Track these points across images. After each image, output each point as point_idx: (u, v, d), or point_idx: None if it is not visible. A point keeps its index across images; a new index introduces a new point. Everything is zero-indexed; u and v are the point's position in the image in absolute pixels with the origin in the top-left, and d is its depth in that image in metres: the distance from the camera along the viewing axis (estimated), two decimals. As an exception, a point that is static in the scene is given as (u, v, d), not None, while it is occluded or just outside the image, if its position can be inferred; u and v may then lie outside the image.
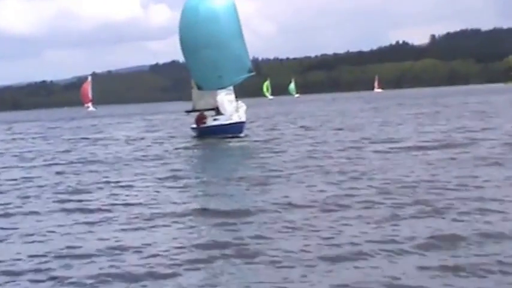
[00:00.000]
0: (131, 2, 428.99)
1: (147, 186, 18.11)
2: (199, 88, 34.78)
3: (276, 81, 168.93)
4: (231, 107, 33.72)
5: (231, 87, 34.30)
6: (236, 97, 34.39)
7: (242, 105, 33.89)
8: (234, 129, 33.12)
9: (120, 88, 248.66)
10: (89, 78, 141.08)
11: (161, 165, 23.00)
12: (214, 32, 32.84)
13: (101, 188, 18.32)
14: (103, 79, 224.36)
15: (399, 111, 54.09)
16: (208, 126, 34.25)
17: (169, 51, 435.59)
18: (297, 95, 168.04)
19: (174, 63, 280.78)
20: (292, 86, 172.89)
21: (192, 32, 33.35)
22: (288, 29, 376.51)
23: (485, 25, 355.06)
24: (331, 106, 79.40)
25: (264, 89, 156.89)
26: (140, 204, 15.23)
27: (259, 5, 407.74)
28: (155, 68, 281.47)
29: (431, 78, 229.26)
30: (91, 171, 22.41)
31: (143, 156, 27.07)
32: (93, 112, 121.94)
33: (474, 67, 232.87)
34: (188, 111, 38.14)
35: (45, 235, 12.47)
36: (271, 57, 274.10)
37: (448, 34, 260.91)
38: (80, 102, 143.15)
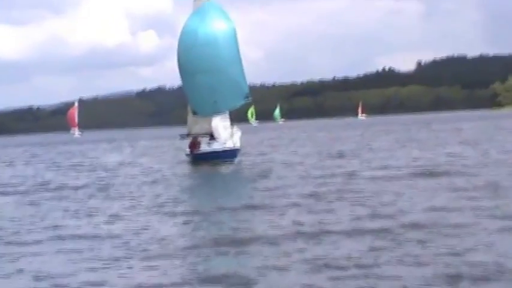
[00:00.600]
0: (120, 28, 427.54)
1: (137, 215, 16.95)
2: (194, 113, 33.44)
3: (261, 107, 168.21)
4: (225, 133, 32.36)
5: (227, 113, 32.92)
6: (231, 123, 33.05)
7: (237, 131, 32.55)
8: (228, 155, 31.74)
9: (107, 113, 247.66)
10: (76, 104, 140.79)
11: (151, 193, 21.80)
12: (212, 57, 31.60)
13: (89, 216, 17.28)
14: (90, 104, 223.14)
15: (386, 137, 52.90)
16: (202, 152, 32.80)
17: (157, 77, 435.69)
18: (281, 121, 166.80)
19: (160, 89, 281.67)
20: (277, 111, 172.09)
21: (190, 56, 32.05)
22: (275, 55, 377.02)
23: (472, 52, 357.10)
24: (319, 132, 77.96)
25: (249, 114, 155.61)
26: (127, 235, 14.08)
27: (246, 31, 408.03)
28: (142, 94, 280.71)
29: (417, 105, 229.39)
30: (74, 199, 21.22)
31: (132, 182, 25.84)
32: (79, 137, 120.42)
33: (460, 93, 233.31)
34: (183, 136, 36.65)
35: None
36: (258, 83, 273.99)
37: (434, 60, 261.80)
38: (66, 128, 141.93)
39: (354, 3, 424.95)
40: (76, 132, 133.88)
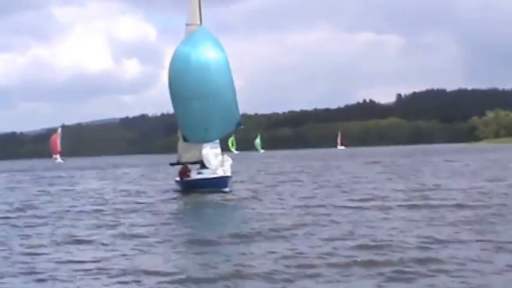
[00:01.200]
0: (103, 55, 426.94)
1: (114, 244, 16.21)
2: (185, 140, 32.62)
3: (242, 136, 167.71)
4: (216, 161, 31.59)
5: (217, 141, 32.23)
6: (222, 150, 32.36)
7: (228, 159, 31.83)
8: (219, 184, 30.91)
9: (90, 140, 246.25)
10: (59, 130, 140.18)
11: (134, 221, 21.02)
12: (205, 83, 30.82)
13: (58, 244, 16.55)
14: (73, 131, 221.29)
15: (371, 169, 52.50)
16: (192, 180, 31.99)
17: (139, 105, 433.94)
18: (262, 151, 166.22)
19: (143, 117, 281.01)
20: (258, 141, 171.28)
21: (181, 81, 31.22)
22: (257, 84, 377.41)
23: (451, 86, 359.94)
24: (303, 162, 77.38)
25: (229, 144, 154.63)
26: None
27: (230, 62, 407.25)
28: (125, 121, 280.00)
29: (396, 137, 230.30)
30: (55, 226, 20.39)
31: (115, 209, 25.00)
32: (61, 164, 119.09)
33: (438, 126, 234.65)
34: (173, 164, 35.74)
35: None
36: (240, 112, 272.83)
37: (414, 93, 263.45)
38: (48, 154, 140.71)
39: (336, 35, 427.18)
40: (58, 158, 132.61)
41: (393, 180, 35.68)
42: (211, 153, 31.64)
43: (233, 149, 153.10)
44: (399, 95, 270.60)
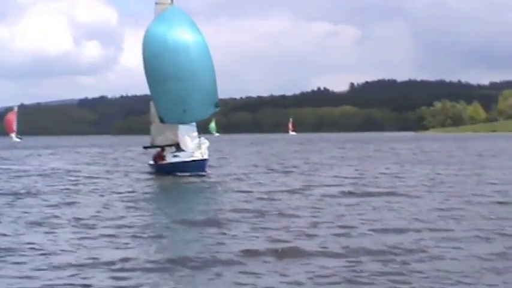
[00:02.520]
0: (63, 37, 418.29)
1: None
2: (161, 121, 30.50)
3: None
4: (193, 144, 29.75)
5: (194, 123, 30.29)
6: (198, 133, 30.47)
7: (205, 142, 29.98)
8: (197, 167, 29.10)
9: (48, 120, 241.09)
10: (15, 109, 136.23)
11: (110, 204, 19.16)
12: (184, 64, 28.82)
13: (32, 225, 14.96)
14: (31, 111, 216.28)
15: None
16: (168, 163, 30.09)
17: (99, 87, 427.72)
18: (217, 134, 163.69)
19: (102, 99, 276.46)
20: (212, 125, 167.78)
21: (159, 62, 29.10)
22: (216, 70, 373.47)
23: (401, 76, 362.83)
24: (259, 147, 75.78)
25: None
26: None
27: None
28: (84, 102, 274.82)
29: (348, 124, 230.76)
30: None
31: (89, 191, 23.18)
32: (18, 142, 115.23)
33: (389, 115, 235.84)
34: (146, 147, 33.70)
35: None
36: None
37: (366, 83, 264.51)
38: (4, 132, 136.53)
39: (293, 24, 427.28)
40: (14, 137, 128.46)
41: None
42: (187, 135, 29.78)
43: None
44: (352, 84, 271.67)
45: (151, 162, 31.47)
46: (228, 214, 16.44)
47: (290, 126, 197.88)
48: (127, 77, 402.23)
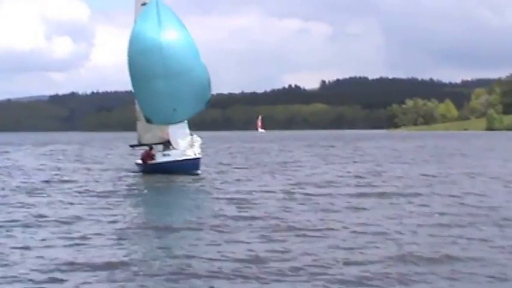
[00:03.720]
0: (35, 32, 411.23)
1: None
2: (148, 121, 27.98)
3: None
4: (184, 142, 27.20)
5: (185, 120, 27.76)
6: (190, 129, 27.90)
7: (197, 139, 27.49)
8: (190, 166, 26.65)
9: (19, 116, 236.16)
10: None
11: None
12: (174, 60, 26.54)
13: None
14: (2, 107, 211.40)
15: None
16: (158, 163, 27.48)
17: (70, 83, 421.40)
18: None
19: (73, 95, 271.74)
20: None
21: (147, 58, 26.59)
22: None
23: (373, 74, 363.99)
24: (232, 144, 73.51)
25: None
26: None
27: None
28: (55, 99, 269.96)
29: (319, 122, 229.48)
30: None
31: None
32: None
33: (360, 113, 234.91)
34: (133, 146, 31.02)
35: None
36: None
37: (338, 80, 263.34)
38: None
39: (264, 21, 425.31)
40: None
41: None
42: (179, 133, 27.22)
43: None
44: (323, 81, 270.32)
45: (139, 161, 28.83)
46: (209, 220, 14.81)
47: (259, 123, 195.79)
48: (98, 73, 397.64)
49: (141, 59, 26.95)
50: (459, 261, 10.44)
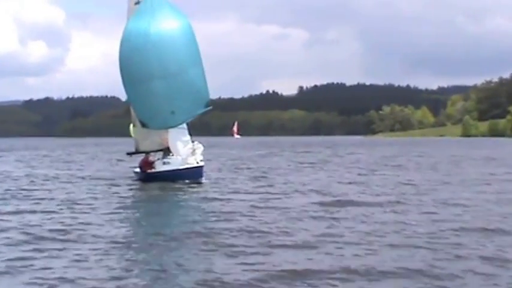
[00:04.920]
0: (9, 37, 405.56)
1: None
2: (144, 126, 26.01)
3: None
4: (186, 149, 25.39)
5: (185, 125, 25.88)
6: (191, 135, 26.05)
7: (199, 146, 25.67)
8: (193, 175, 24.82)
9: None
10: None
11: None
12: (170, 58, 24.40)
13: None
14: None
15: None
16: (159, 172, 25.56)
17: (44, 88, 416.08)
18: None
19: (48, 100, 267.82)
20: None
21: (140, 59, 24.28)
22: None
23: (350, 80, 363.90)
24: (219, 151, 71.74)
25: (131, 129, 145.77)
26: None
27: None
28: (29, 104, 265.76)
29: (297, 128, 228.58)
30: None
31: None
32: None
33: (337, 119, 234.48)
34: (130, 153, 28.93)
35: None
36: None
37: (315, 86, 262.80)
38: None
39: (242, 27, 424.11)
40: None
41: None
42: (179, 139, 25.40)
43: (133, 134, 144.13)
44: (301, 87, 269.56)
45: (137, 170, 26.94)
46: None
47: (235, 129, 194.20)
48: (73, 78, 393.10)
49: (134, 59, 24.74)
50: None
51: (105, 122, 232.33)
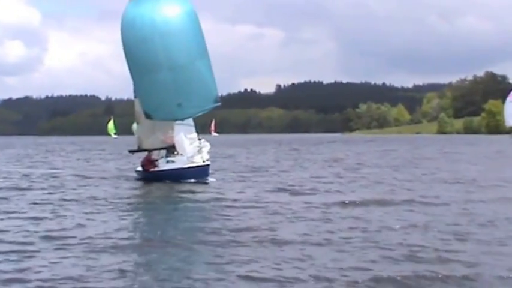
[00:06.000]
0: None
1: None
2: (148, 117, 24.30)
3: (123, 121, 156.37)
4: (192, 147, 23.79)
5: (192, 122, 24.27)
6: (198, 133, 24.46)
7: (206, 145, 24.12)
8: (199, 174, 23.31)
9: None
10: None
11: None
12: (177, 50, 22.90)
13: None
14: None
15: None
16: (162, 171, 24.01)
17: (23, 87, 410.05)
18: (114, 136, 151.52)
19: (27, 99, 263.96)
20: (135, 125, 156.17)
21: (147, 50, 22.83)
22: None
23: (327, 78, 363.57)
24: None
25: (109, 128, 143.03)
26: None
27: (112, 46, 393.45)
28: (8, 103, 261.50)
29: (275, 126, 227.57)
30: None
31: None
32: None
33: (315, 117, 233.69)
34: (132, 151, 27.19)
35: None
36: (125, 97, 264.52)
37: (293, 85, 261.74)
38: None
39: (218, 27, 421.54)
40: None
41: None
42: (185, 137, 23.79)
43: (112, 133, 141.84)
44: (279, 86, 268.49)
45: (139, 168, 25.30)
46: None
47: (212, 127, 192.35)
48: (52, 77, 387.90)
49: (140, 49, 23.01)
50: None
51: (84, 120, 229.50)
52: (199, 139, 24.01)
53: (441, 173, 27.54)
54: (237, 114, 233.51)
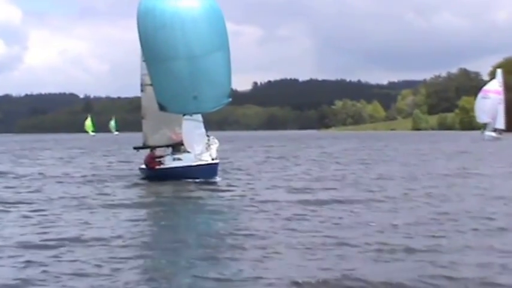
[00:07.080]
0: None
1: None
2: (162, 109, 22.89)
3: (100, 119, 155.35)
4: (201, 144, 22.45)
5: (200, 117, 22.95)
6: (206, 129, 23.18)
7: (215, 142, 22.82)
8: (207, 173, 22.05)
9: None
10: None
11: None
12: (196, 38, 21.60)
13: None
14: None
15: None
16: (167, 169, 22.67)
17: (3, 85, 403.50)
18: (116, 133, 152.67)
19: (7, 97, 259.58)
20: (112, 123, 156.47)
21: (166, 38, 21.44)
22: (120, 68, 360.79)
23: (303, 76, 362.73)
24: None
25: (87, 125, 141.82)
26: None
27: (91, 44, 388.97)
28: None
29: (252, 123, 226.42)
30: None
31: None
32: None
33: (291, 114, 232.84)
34: (137, 148, 25.69)
35: None
36: (103, 95, 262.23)
37: (269, 82, 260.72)
38: None
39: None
40: None
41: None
42: (194, 133, 22.48)
43: (90, 131, 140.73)
44: (255, 83, 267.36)
45: (143, 166, 23.92)
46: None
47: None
48: (32, 75, 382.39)
49: (159, 37, 21.56)
50: None
51: (63, 118, 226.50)
52: (208, 136, 22.75)
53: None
54: (213, 111, 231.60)
